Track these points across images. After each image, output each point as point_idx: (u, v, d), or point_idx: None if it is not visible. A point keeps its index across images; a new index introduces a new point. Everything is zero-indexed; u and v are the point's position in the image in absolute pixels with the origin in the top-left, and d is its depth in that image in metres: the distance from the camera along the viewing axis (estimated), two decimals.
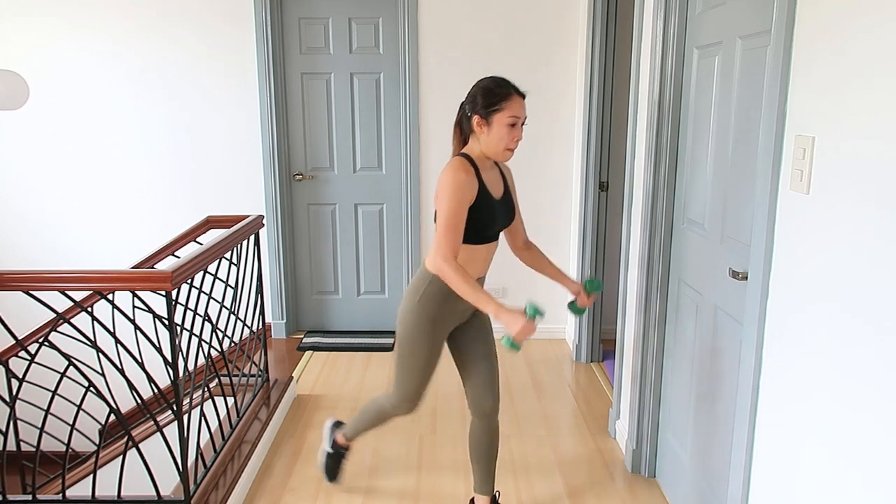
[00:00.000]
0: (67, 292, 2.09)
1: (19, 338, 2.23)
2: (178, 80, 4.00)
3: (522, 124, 2.03)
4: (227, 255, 2.72)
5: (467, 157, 2.04)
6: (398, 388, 2.24)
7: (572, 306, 2.26)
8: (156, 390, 2.20)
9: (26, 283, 2.04)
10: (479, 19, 3.90)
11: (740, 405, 1.78)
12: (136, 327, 2.26)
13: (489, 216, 2.05)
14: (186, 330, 2.37)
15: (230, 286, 2.85)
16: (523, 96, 2.03)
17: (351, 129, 4.13)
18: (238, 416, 2.84)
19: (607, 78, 3.55)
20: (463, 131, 2.09)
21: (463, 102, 2.07)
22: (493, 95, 1.99)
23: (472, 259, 2.11)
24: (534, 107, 3.99)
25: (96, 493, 2.25)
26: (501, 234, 2.21)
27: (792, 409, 1.56)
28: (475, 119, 2.01)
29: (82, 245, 4.19)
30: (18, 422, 2.36)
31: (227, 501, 2.37)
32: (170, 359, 2.14)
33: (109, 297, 2.21)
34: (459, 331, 2.25)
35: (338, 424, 2.62)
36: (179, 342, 2.21)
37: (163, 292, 2.10)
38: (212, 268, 3.74)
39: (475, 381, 2.23)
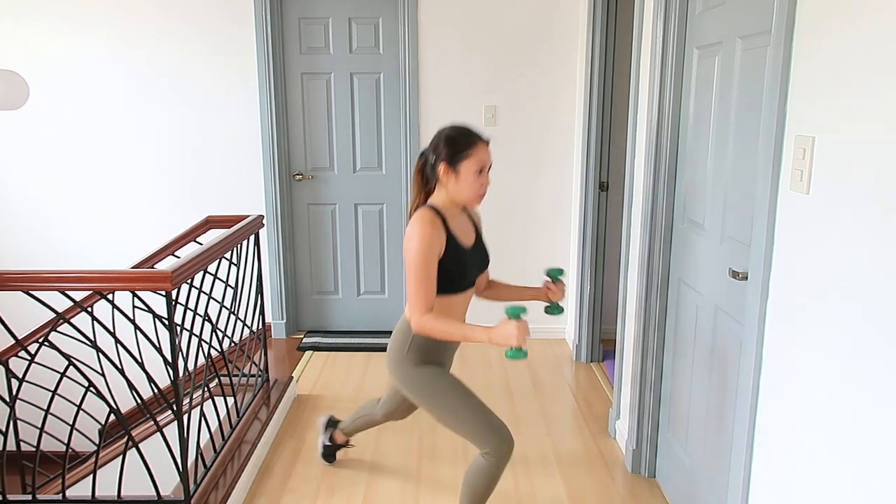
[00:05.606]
0: (67, 292, 2.09)
1: (19, 338, 2.23)
2: (177, 79, 4.00)
3: (488, 170, 2.02)
4: (227, 255, 2.72)
5: (433, 208, 2.01)
6: (477, 439, 2.05)
7: (550, 308, 2.21)
8: (156, 390, 2.20)
9: (26, 283, 2.05)
10: (479, 19, 3.90)
11: (740, 405, 1.78)
12: (136, 327, 2.26)
13: (460, 267, 2.02)
14: (186, 330, 2.37)
15: (230, 286, 2.85)
16: (487, 142, 2.02)
17: (351, 129, 4.13)
18: (238, 416, 2.84)
19: (607, 78, 3.55)
20: (426, 180, 2.06)
21: (424, 151, 2.05)
22: (459, 144, 1.97)
23: (450, 310, 2.07)
24: (534, 107, 4.00)
25: (96, 493, 2.25)
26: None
27: (792, 408, 1.56)
28: (441, 167, 1.98)
29: (82, 245, 4.19)
30: (18, 422, 2.36)
31: (227, 501, 2.38)
32: (170, 359, 2.14)
33: (109, 297, 2.21)
34: None
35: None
36: (179, 342, 2.21)
37: (163, 292, 2.10)
38: (212, 268, 3.73)
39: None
